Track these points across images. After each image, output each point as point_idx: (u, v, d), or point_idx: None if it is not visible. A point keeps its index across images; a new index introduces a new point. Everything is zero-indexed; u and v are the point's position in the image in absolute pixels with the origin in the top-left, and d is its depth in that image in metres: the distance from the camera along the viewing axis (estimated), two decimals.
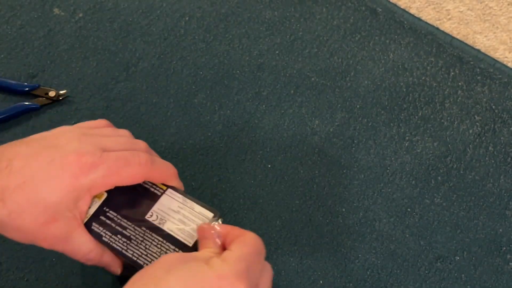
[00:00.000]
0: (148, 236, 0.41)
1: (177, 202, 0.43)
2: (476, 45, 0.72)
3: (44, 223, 0.38)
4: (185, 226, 0.41)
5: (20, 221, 0.37)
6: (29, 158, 0.38)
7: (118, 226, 0.42)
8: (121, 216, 0.42)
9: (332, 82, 0.67)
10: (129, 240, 0.41)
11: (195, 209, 0.42)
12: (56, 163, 0.38)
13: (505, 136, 0.64)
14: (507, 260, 0.57)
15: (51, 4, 0.70)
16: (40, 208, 0.37)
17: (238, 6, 0.72)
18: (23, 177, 0.37)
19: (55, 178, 0.38)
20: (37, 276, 0.53)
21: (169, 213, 0.42)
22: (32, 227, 0.38)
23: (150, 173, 0.42)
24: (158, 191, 0.43)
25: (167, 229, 0.41)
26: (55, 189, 0.38)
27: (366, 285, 0.55)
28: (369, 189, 0.60)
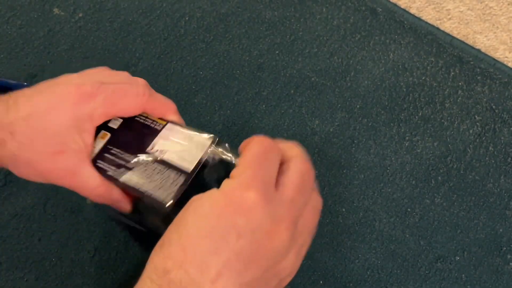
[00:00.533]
0: (149, 166, 0.42)
1: (176, 133, 0.44)
2: (476, 45, 0.72)
3: (52, 153, 0.39)
4: (184, 154, 0.43)
5: (30, 153, 0.39)
6: (33, 95, 0.40)
7: (121, 160, 0.43)
8: (123, 151, 0.43)
9: (332, 82, 0.67)
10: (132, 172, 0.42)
11: (194, 138, 0.44)
12: (57, 95, 0.40)
13: (505, 136, 0.64)
14: (507, 260, 0.57)
15: (51, 4, 0.70)
16: (47, 138, 0.39)
17: (238, 6, 0.72)
18: (29, 109, 0.39)
19: (57, 108, 0.39)
20: (37, 276, 0.53)
21: (169, 144, 0.44)
22: (42, 159, 0.39)
23: (149, 104, 0.43)
24: (158, 126, 0.45)
25: (167, 158, 0.43)
26: (58, 118, 0.39)
27: (366, 285, 0.55)
28: (369, 189, 0.60)
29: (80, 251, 0.54)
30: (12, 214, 0.56)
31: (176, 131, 0.44)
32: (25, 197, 0.56)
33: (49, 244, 0.54)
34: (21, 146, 0.38)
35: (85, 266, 0.53)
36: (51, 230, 0.55)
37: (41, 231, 0.55)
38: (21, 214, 0.56)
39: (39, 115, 0.39)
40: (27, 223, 0.55)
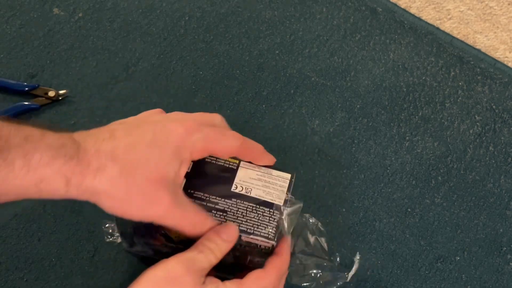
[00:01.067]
0: (241, 205, 0.43)
1: (254, 171, 0.45)
2: (476, 45, 0.71)
3: (154, 182, 0.37)
4: (271, 189, 0.44)
5: (131, 179, 0.36)
6: (129, 129, 0.39)
7: (209, 203, 0.43)
8: (208, 194, 0.43)
9: (332, 82, 0.67)
10: (225, 213, 0.43)
11: (273, 173, 0.45)
12: (160, 129, 0.39)
13: (506, 136, 0.64)
14: (507, 260, 0.57)
15: (51, 4, 0.70)
16: (149, 165, 0.37)
17: (238, 6, 0.72)
18: (131, 139, 0.38)
19: (162, 140, 0.38)
20: (37, 276, 0.53)
21: (251, 181, 0.44)
22: (143, 187, 0.37)
23: (243, 148, 0.43)
24: (233, 166, 0.45)
25: (255, 195, 0.44)
26: (163, 149, 0.38)
27: (366, 285, 0.55)
28: (369, 189, 0.60)
29: (80, 251, 0.54)
30: (12, 214, 0.55)
31: (252, 169, 0.45)
32: None
33: (49, 244, 0.54)
34: (122, 172, 0.36)
35: (85, 266, 0.53)
36: (51, 230, 0.55)
37: (40, 231, 0.55)
38: (21, 214, 0.55)
39: (144, 145, 0.38)
40: (27, 223, 0.55)
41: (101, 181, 0.36)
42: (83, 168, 0.35)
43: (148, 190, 0.37)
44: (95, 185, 0.36)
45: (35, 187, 0.35)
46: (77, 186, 0.36)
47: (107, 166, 0.36)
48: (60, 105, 0.63)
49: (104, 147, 0.37)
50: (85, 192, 0.36)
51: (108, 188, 0.36)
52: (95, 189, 0.36)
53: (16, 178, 0.34)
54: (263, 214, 0.43)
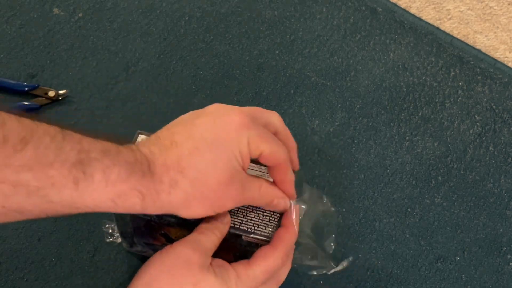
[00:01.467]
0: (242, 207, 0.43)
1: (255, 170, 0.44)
2: (476, 45, 0.71)
3: (225, 183, 0.37)
4: None
5: (204, 187, 0.37)
6: (188, 130, 0.38)
7: None
8: None
9: (332, 82, 0.67)
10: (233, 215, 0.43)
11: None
12: (218, 124, 0.38)
13: (506, 136, 0.64)
14: (507, 260, 0.57)
15: (51, 4, 0.70)
16: (218, 170, 0.37)
17: (238, 6, 0.72)
18: (193, 144, 0.37)
19: (222, 136, 0.38)
20: (37, 276, 0.53)
21: None
22: (217, 189, 0.37)
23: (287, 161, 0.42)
24: None
25: None
26: (226, 146, 0.38)
27: (366, 285, 0.55)
28: (369, 189, 0.60)
29: (80, 251, 0.54)
30: None
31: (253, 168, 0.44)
32: None
33: (49, 244, 0.54)
34: (195, 182, 0.36)
35: (85, 266, 0.53)
36: (51, 230, 0.55)
37: (40, 231, 0.55)
38: None
39: (207, 146, 0.37)
40: (27, 223, 0.55)
41: (176, 196, 0.36)
42: (156, 184, 0.36)
43: (222, 191, 0.38)
44: (171, 200, 0.36)
45: (111, 202, 0.35)
46: (153, 202, 0.36)
47: (178, 181, 0.36)
48: (60, 105, 0.63)
49: (170, 158, 0.37)
50: (162, 208, 0.37)
51: (183, 202, 0.37)
52: (171, 204, 0.37)
53: (94, 192, 0.34)
54: (263, 214, 0.43)
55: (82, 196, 0.33)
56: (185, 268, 0.37)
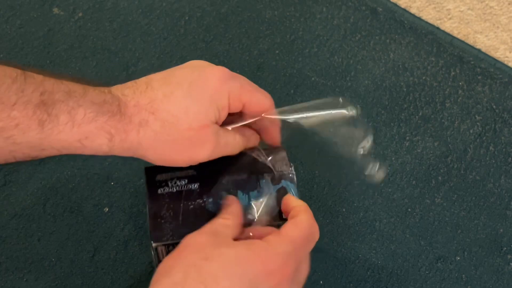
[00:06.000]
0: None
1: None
2: (476, 44, 0.71)
3: (197, 130, 0.37)
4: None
5: (174, 130, 0.37)
6: (166, 77, 0.38)
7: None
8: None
9: (332, 82, 0.67)
10: None
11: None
12: (196, 75, 0.38)
13: (506, 136, 0.64)
14: (507, 260, 0.57)
15: (51, 3, 0.70)
16: (190, 116, 0.37)
17: (238, 5, 0.72)
18: (168, 89, 0.37)
19: (199, 86, 0.38)
20: (37, 276, 0.53)
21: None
22: (187, 135, 0.37)
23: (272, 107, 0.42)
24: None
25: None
26: (200, 97, 0.37)
27: (366, 285, 0.55)
28: (370, 189, 0.60)
29: (80, 251, 0.54)
30: (11, 214, 0.55)
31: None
32: (25, 197, 0.56)
33: (49, 244, 0.54)
34: (165, 124, 0.36)
35: (85, 266, 0.53)
36: (51, 230, 0.55)
37: (40, 231, 0.55)
38: (21, 214, 0.55)
39: (182, 91, 0.37)
40: (27, 223, 0.55)
41: (145, 136, 0.36)
42: (126, 124, 0.36)
43: (192, 138, 0.37)
44: (140, 141, 0.36)
45: (78, 142, 0.35)
46: (121, 143, 0.36)
47: (148, 121, 0.36)
48: None
49: (143, 99, 0.37)
50: (129, 149, 0.37)
51: (152, 143, 0.37)
52: (140, 145, 0.36)
53: (61, 133, 0.34)
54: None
55: (48, 137, 0.34)
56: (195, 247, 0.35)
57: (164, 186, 0.42)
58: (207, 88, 0.38)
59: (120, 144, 0.36)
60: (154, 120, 0.36)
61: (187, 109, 0.37)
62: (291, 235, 0.36)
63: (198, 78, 0.38)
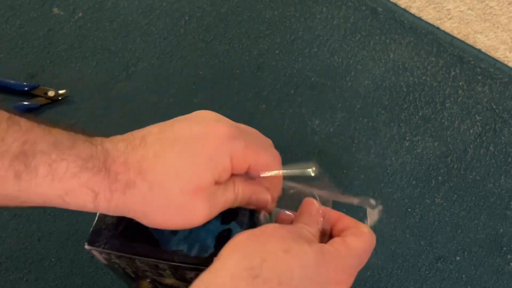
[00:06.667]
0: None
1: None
2: (476, 44, 0.71)
3: (189, 193, 0.33)
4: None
5: (163, 195, 0.33)
6: (163, 131, 0.35)
7: None
8: None
9: (332, 82, 0.67)
10: None
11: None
12: (196, 129, 0.35)
13: (506, 136, 0.64)
14: (507, 260, 0.57)
15: (51, 3, 0.70)
16: (183, 179, 0.33)
17: (238, 5, 0.72)
18: (161, 146, 0.34)
19: (197, 144, 0.34)
20: (37, 277, 0.53)
21: None
22: (178, 201, 0.33)
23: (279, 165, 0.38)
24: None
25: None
26: (197, 156, 0.34)
27: (366, 285, 0.55)
28: (370, 189, 0.60)
29: (80, 251, 0.54)
30: (11, 214, 0.55)
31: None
32: None
33: (49, 244, 0.54)
34: (153, 187, 0.33)
35: (85, 266, 0.53)
36: (51, 231, 0.55)
37: (40, 231, 0.55)
38: (21, 214, 0.55)
39: (176, 152, 0.34)
40: (27, 223, 0.55)
41: (132, 199, 0.33)
42: (111, 182, 0.33)
43: (184, 203, 0.34)
44: (127, 203, 0.33)
45: (59, 198, 0.33)
46: (106, 202, 0.33)
47: (136, 183, 0.33)
48: (60, 105, 0.63)
49: (133, 157, 0.33)
50: (117, 209, 0.34)
51: (140, 207, 0.34)
52: (128, 207, 0.34)
53: (39, 187, 0.32)
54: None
55: (26, 190, 0.32)
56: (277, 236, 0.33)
57: None
58: (206, 148, 0.34)
59: (106, 204, 0.33)
60: (141, 181, 0.33)
61: (178, 172, 0.33)
62: (357, 248, 0.36)
63: (197, 135, 0.35)
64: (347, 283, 0.34)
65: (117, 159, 0.33)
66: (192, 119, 0.37)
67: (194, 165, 0.34)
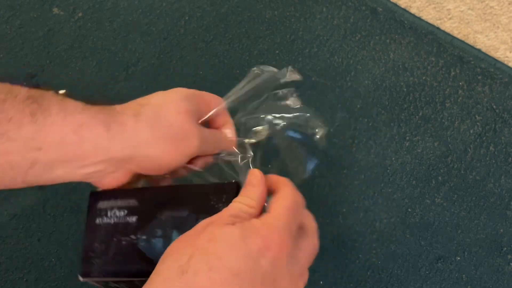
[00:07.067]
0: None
1: None
2: (476, 44, 0.71)
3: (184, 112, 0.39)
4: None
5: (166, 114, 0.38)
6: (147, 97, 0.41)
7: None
8: None
9: (332, 82, 0.67)
10: None
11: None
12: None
13: (506, 136, 0.64)
14: (507, 261, 0.57)
15: (51, 3, 0.70)
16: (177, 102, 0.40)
17: (238, 5, 0.72)
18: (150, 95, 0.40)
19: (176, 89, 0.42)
20: (36, 277, 0.53)
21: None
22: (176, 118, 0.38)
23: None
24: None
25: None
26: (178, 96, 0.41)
27: (366, 285, 0.55)
28: (370, 189, 0.60)
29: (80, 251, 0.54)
30: (11, 214, 0.55)
31: None
32: (25, 198, 0.56)
33: (49, 244, 0.54)
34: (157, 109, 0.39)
35: None
36: (51, 231, 0.55)
37: (40, 232, 0.55)
38: (21, 214, 0.55)
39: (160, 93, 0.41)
40: (27, 224, 0.55)
41: (142, 124, 0.37)
42: (120, 115, 0.37)
43: (181, 122, 0.39)
44: (137, 130, 0.37)
45: (75, 134, 0.35)
46: (119, 133, 0.36)
47: (140, 111, 0.38)
48: None
49: (127, 104, 0.39)
50: (129, 141, 0.37)
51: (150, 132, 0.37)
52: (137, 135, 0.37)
53: (54, 124, 0.34)
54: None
55: (42, 129, 0.34)
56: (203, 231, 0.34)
57: (103, 215, 0.41)
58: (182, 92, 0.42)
59: (119, 136, 0.36)
60: (145, 109, 0.38)
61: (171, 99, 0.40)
62: (278, 210, 0.36)
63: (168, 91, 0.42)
64: (280, 245, 0.33)
65: (117, 106, 0.38)
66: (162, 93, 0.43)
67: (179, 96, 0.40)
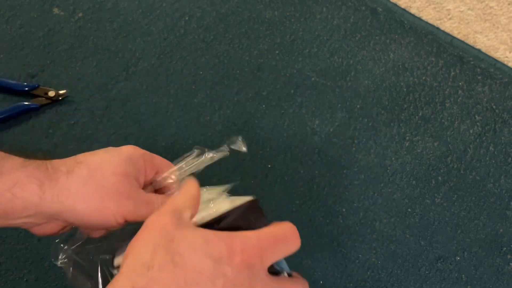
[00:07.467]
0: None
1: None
2: (476, 45, 0.71)
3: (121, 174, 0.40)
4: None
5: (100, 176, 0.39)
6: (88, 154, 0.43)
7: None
8: None
9: (332, 82, 0.67)
10: None
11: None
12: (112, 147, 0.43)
13: (506, 136, 0.64)
14: (507, 260, 0.57)
15: (51, 3, 0.70)
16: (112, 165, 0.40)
17: (238, 6, 0.72)
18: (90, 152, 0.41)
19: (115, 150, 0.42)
20: (37, 277, 0.53)
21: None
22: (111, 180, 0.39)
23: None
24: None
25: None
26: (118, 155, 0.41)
27: (366, 285, 0.55)
28: (370, 189, 0.60)
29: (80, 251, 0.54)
30: None
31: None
32: None
33: (49, 244, 0.54)
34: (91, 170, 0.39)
35: None
36: None
37: None
38: None
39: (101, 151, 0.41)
40: None
41: (75, 181, 0.38)
42: (54, 172, 0.38)
43: (116, 182, 0.39)
44: (69, 186, 0.38)
45: (9, 192, 0.37)
46: (51, 190, 0.37)
47: (74, 169, 0.39)
48: (60, 105, 0.63)
49: (65, 160, 0.40)
50: (59, 196, 0.38)
51: (81, 188, 0.38)
52: (69, 191, 0.38)
53: None
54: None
55: None
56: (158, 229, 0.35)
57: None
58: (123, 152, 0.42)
59: (50, 192, 0.37)
60: (80, 168, 0.39)
61: (109, 161, 0.40)
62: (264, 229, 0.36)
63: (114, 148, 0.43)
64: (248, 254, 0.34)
65: (54, 162, 0.40)
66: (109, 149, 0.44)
67: (119, 160, 0.41)
